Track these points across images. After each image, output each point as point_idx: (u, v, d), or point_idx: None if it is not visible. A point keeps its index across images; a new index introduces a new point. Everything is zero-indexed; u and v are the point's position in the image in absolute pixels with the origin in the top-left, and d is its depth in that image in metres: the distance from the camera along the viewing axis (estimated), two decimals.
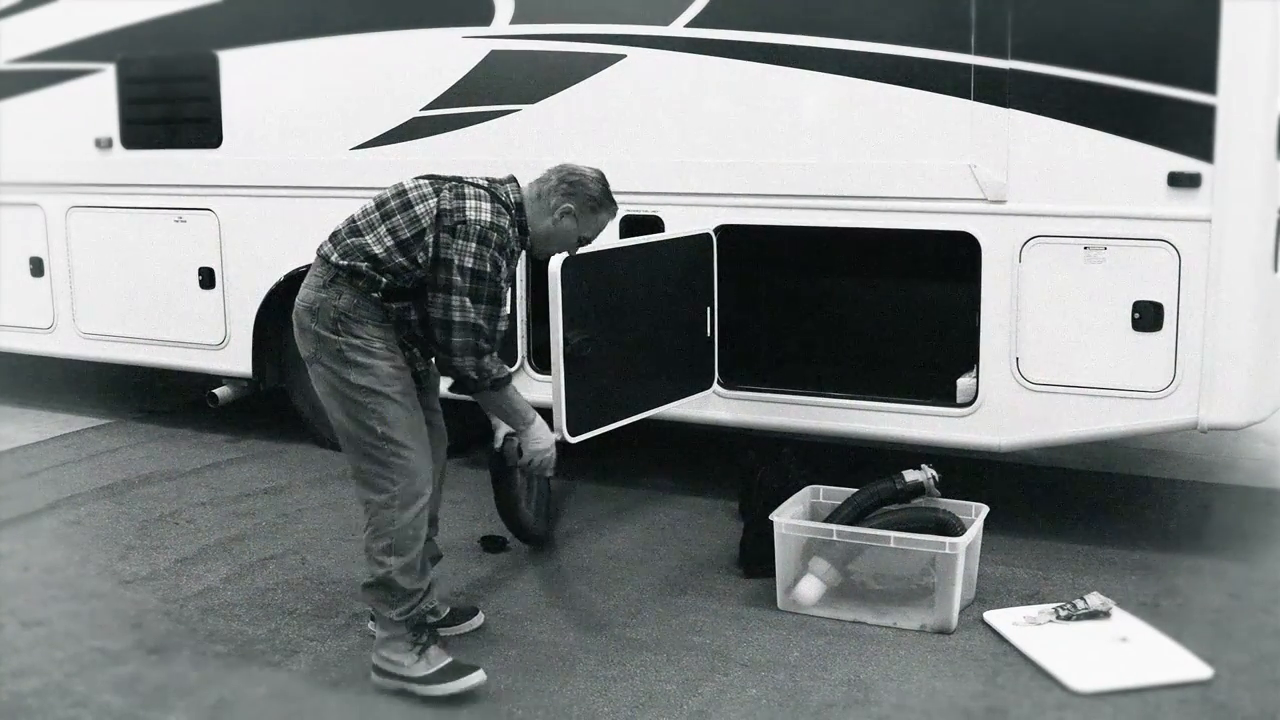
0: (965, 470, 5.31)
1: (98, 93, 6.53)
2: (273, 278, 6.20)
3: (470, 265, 3.62)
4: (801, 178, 4.99)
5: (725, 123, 5.11)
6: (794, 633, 4.10)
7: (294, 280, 6.15)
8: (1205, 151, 4.36)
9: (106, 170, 6.60)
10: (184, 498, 5.60)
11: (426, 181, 3.79)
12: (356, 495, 3.78)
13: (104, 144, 6.57)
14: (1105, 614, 4.09)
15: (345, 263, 3.70)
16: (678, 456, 6.16)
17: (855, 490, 4.40)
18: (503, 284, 3.72)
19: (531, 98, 5.44)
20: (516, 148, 5.50)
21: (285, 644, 4.07)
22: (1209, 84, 4.32)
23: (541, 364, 5.46)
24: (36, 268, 6.92)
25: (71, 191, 6.74)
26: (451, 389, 3.88)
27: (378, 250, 3.67)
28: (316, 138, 5.98)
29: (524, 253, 3.95)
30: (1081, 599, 4.14)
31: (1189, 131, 4.36)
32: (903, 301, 5.69)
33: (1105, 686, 3.67)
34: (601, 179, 3.91)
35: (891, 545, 4.13)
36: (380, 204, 3.78)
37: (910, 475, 4.36)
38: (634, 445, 5.58)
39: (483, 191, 3.73)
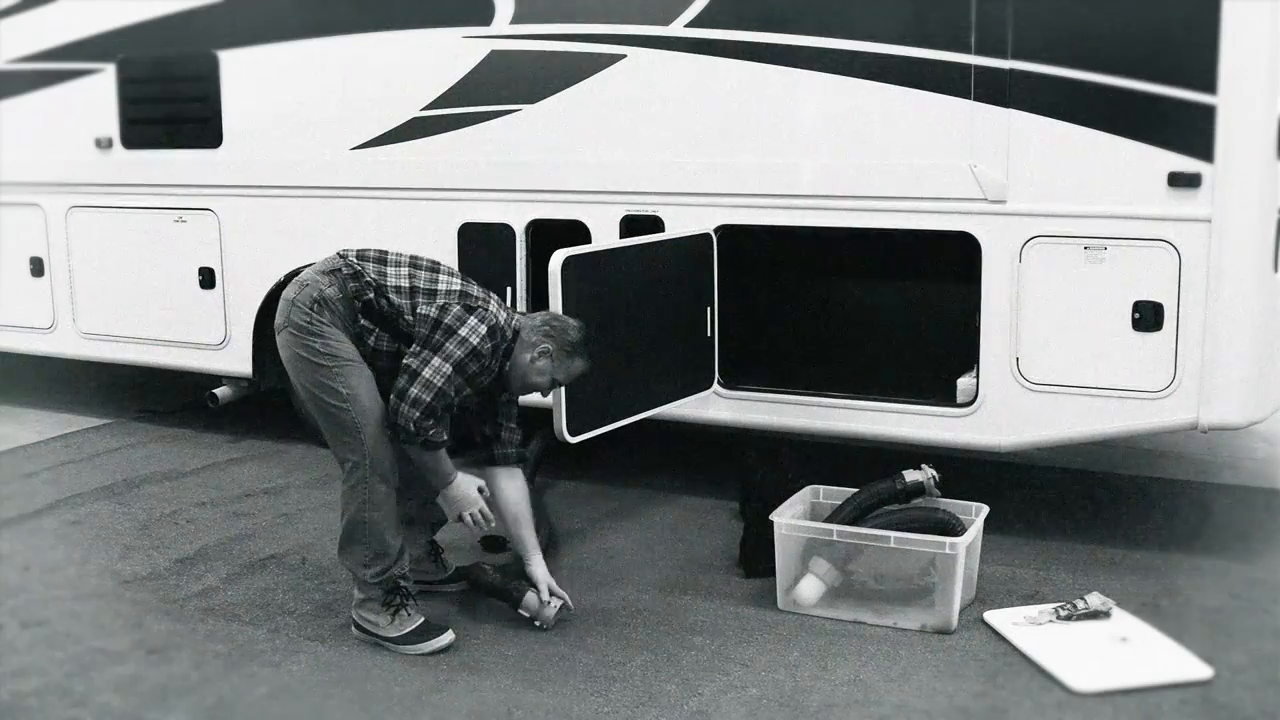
0: (965, 470, 5.31)
1: (98, 93, 6.53)
2: (273, 278, 6.20)
3: (472, 341, 3.88)
4: (801, 178, 4.99)
5: (725, 123, 5.11)
6: (794, 633, 4.10)
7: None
8: (1205, 151, 4.36)
9: (106, 170, 6.60)
10: (184, 498, 5.60)
11: (460, 272, 4.16)
12: (335, 456, 4.06)
13: (104, 144, 6.57)
14: (1105, 614, 4.09)
15: (357, 265, 4.02)
16: (678, 456, 6.16)
17: (855, 490, 4.40)
18: (485, 373, 3.95)
19: (531, 98, 5.44)
20: (516, 148, 5.50)
21: (285, 644, 4.07)
22: (1209, 84, 4.32)
23: None
24: (36, 268, 6.92)
25: (71, 191, 6.74)
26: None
27: (389, 280, 3.99)
28: (316, 138, 5.98)
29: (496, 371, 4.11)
30: (1081, 599, 4.14)
31: (1189, 131, 4.36)
32: (903, 301, 5.69)
33: (1105, 686, 3.67)
34: (582, 330, 4.12)
35: (891, 545, 4.13)
36: (414, 259, 4.10)
37: (910, 475, 4.36)
38: (634, 445, 5.58)
39: (501, 304, 4.11)
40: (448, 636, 4.01)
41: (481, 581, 4.26)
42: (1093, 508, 5.33)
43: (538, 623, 4.08)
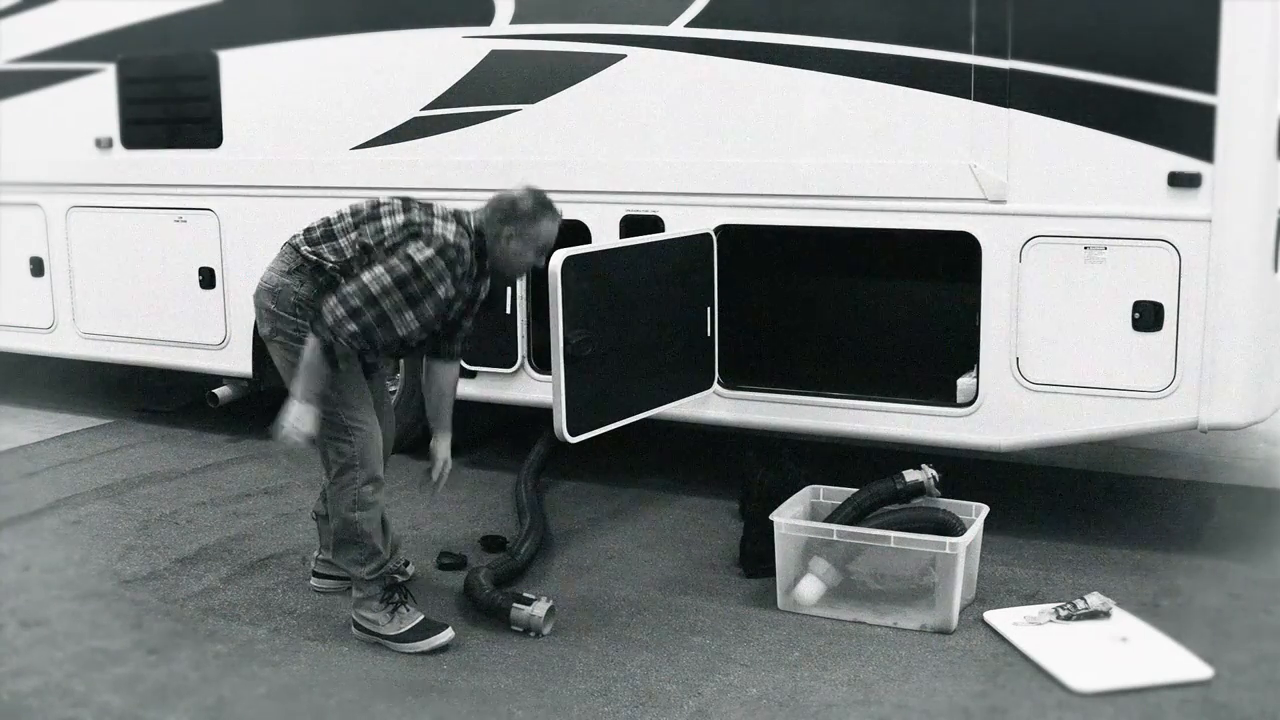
0: (965, 470, 5.31)
1: (98, 93, 6.54)
2: None
3: (417, 259, 3.81)
4: (801, 178, 4.99)
5: (725, 123, 5.11)
6: (794, 633, 4.10)
7: None
8: (1205, 151, 4.36)
9: (107, 170, 6.60)
10: (184, 498, 5.60)
11: (400, 200, 4.03)
12: (320, 461, 4.09)
13: (104, 144, 6.57)
14: (1105, 614, 4.09)
15: (313, 257, 3.98)
16: (678, 456, 6.16)
17: (855, 490, 4.40)
18: (431, 299, 3.84)
19: (531, 98, 5.44)
20: (516, 148, 5.50)
21: (285, 644, 4.07)
22: (1209, 84, 4.32)
23: (541, 364, 5.46)
24: (36, 268, 6.92)
25: (72, 191, 6.74)
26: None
27: (348, 253, 3.93)
28: (316, 138, 5.98)
29: (485, 279, 4.09)
30: (1081, 599, 4.14)
31: (1189, 131, 4.37)
32: (903, 301, 5.69)
33: (1105, 686, 3.67)
34: (531, 193, 4.04)
35: (891, 545, 4.13)
36: (355, 212, 4.04)
37: (910, 475, 4.36)
38: (634, 445, 5.59)
39: (450, 214, 3.98)
40: (447, 634, 4.02)
41: (474, 598, 4.25)
42: (1093, 508, 5.33)
43: (531, 634, 4.08)
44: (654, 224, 5.23)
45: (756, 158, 5.07)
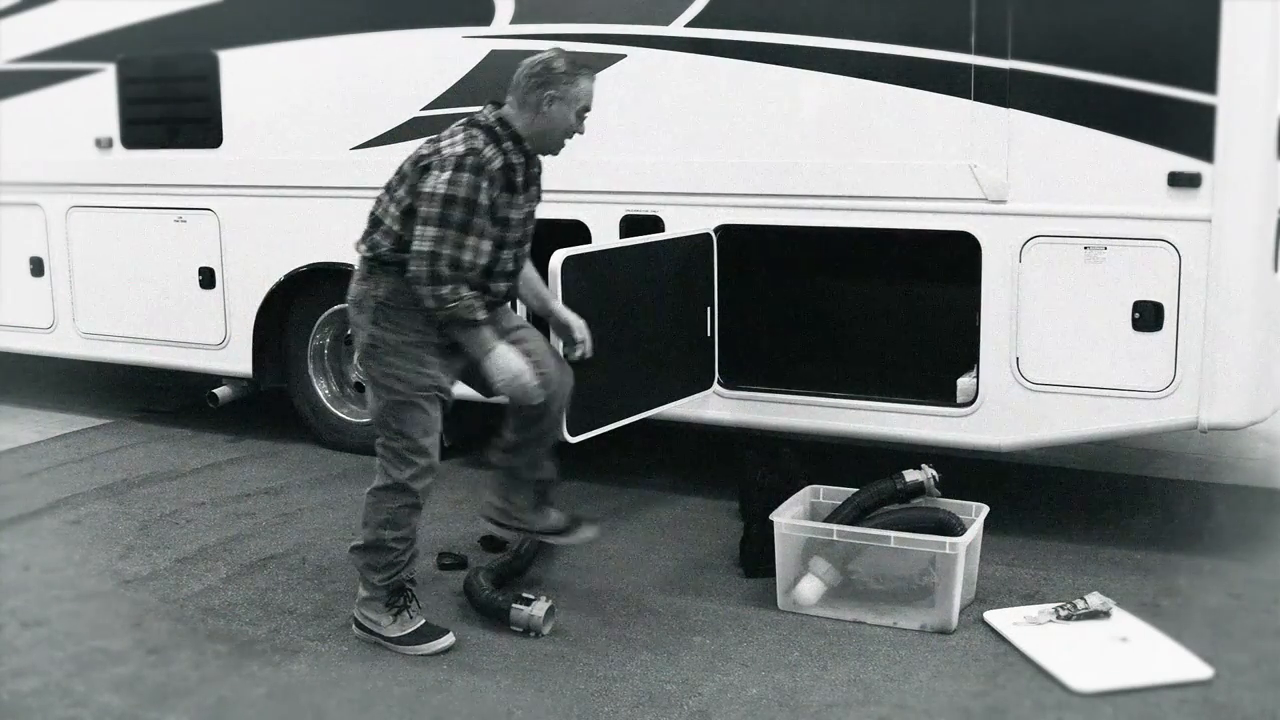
0: (965, 470, 5.31)
1: (98, 93, 6.54)
2: (273, 278, 6.20)
3: (441, 191, 3.68)
4: (801, 178, 4.99)
5: (725, 123, 5.11)
6: (794, 633, 4.10)
7: (294, 280, 6.17)
8: (1205, 151, 4.36)
9: (106, 170, 6.60)
10: (184, 498, 5.60)
11: (420, 145, 3.91)
12: (378, 457, 3.98)
13: (104, 144, 6.57)
14: (1105, 614, 4.09)
15: (372, 253, 3.87)
16: (678, 456, 6.16)
17: (855, 490, 4.40)
18: (478, 211, 3.71)
19: None
20: None
21: (285, 644, 4.07)
22: (1209, 84, 4.32)
23: None
24: (36, 268, 6.92)
25: (71, 191, 6.74)
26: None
27: (395, 227, 3.81)
28: (316, 138, 5.98)
29: (528, 159, 3.94)
30: (1081, 599, 4.14)
31: (1189, 131, 4.36)
32: (903, 301, 5.69)
33: (1105, 686, 3.67)
34: (560, 52, 3.95)
35: (891, 545, 4.13)
36: (387, 187, 3.92)
37: (910, 475, 4.36)
38: (634, 445, 5.59)
39: (456, 128, 3.84)
40: (447, 639, 4.00)
41: (474, 599, 4.25)
42: (1093, 508, 5.33)
43: (531, 634, 4.07)
44: (654, 224, 5.23)
45: (756, 158, 5.07)
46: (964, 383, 4.94)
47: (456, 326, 3.79)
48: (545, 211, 5.45)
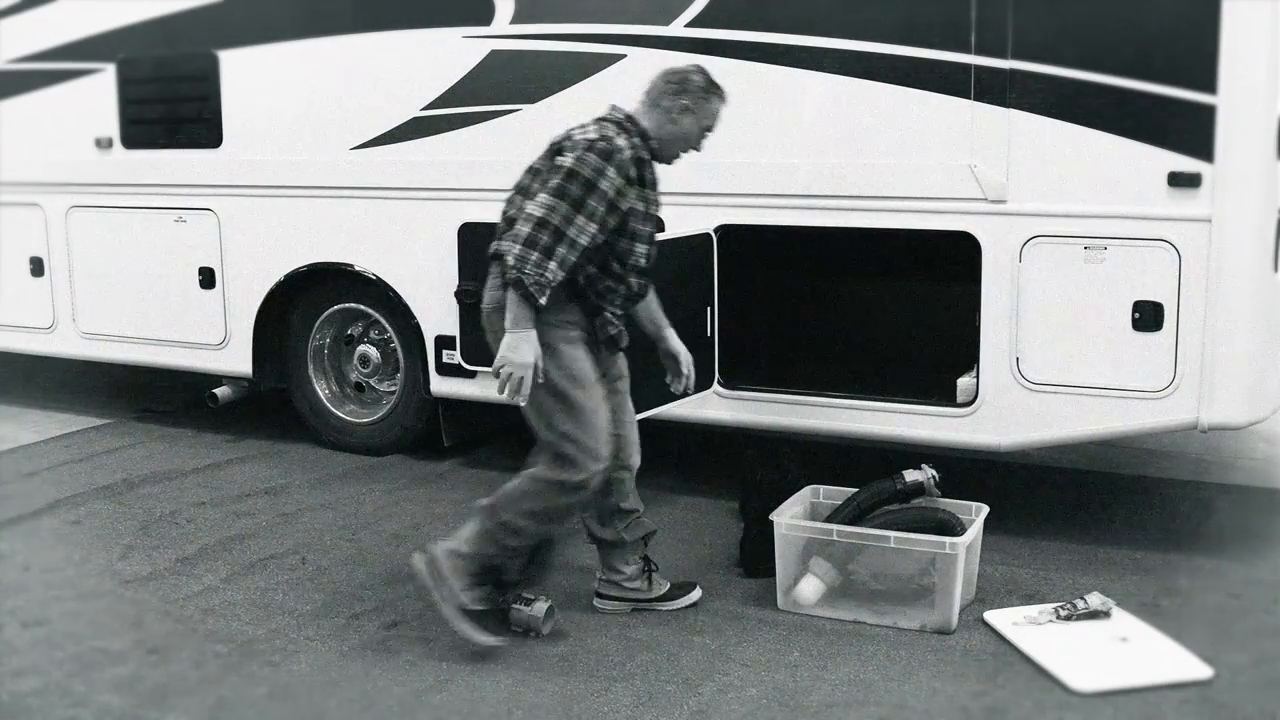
0: (965, 470, 5.31)
1: (98, 93, 6.54)
2: (273, 278, 6.20)
3: (566, 164, 3.73)
4: (801, 178, 4.99)
5: (725, 123, 5.10)
6: (794, 633, 4.10)
7: (294, 280, 6.18)
8: (1205, 151, 4.36)
9: (106, 170, 6.60)
10: (184, 498, 5.60)
11: (552, 141, 3.95)
12: (538, 452, 4.02)
13: (104, 144, 6.57)
14: (1105, 614, 4.09)
15: (507, 250, 3.73)
16: (678, 456, 6.15)
17: (855, 490, 4.40)
18: (595, 194, 3.72)
19: (531, 98, 5.44)
20: (516, 148, 5.48)
21: (285, 644, 4.07)
22: (1209, 84, 4.32)
23: None
24: (36, 268, 6.92)
25: (71, 191, 6.74)
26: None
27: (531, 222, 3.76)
28: (316, 138, 5.98)
29: (651, 156, 4.00)
30: (1081, 599, 4.14)
31: (1189, 131, 4.37)
32: (903, 301, 5.69)
33: (1105, 686, 3.67)
34: (702, 70, 4.04)
35: (891, 545, 4.13)
36: (519, 188, 3.95)
37: (911, 475, 4.36)
38: None
39: (588, 123, 3.93)
40: (494, 640, 3.94)
41: None
42: (1093, 508, 5.33)
43: (531, 634, 4.07)
44: (653, 224, 5.22)
45: (756, 157, 5.07)
46: (964, 383, 4.94)
47: (515, 291, 3.70)
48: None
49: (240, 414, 6.83)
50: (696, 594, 4.34)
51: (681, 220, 5.16)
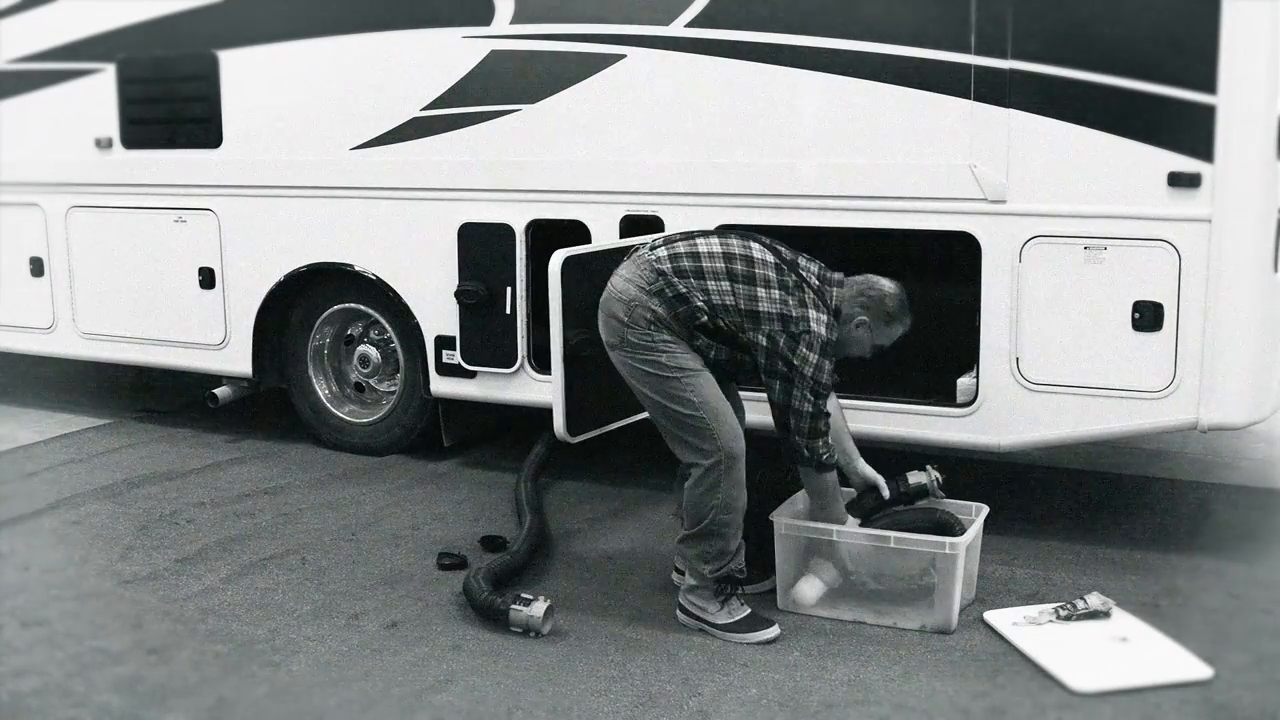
0: (965, 470, 5.31)
1: (98, 93, 6.53)
2: (273, 278, 6.20)
3: (810, 374, 3.96)
4: (801, 178, 4.99)
5: (725, 123, 5.11)
6: (794, 633, 4.10)
7: (294, 280, 6.17)
8: (1205, 151, 4.36)
9: (106, 170, 6.60)
10: (184, 498, 5.60)
11: (773, 263, 4.07)
12: (680, 459, 4.15)
13: (104, 144, 6.57)
14: (1105, 614, 4.09)
15: (684, 290, 4.01)
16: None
17: (856, 496, 4.40)
18: (823, 381, 4.00)
19: (531, 98, 5.44)
20: (516, 148, 5.50)
21: (285, 644, 4.07)
22: (1209, 84, 4.32)
23: (541, 364, 5.46)
24: (36, 268, 6.92)
25: (71, 191, 6.74)
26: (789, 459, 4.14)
27: (715, 301, 4.01)
28: (316, 138, 5.98)
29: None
30: (1081, 599, 4.14)
31: (1189, 131, 4.37)
32: None
33: (1105, 686, 3.67)
34: (899, 294, 4.15)
35: (891, 545, 4.13)
36: (728, 258, 4.06)
37: (914, 478, 4.36)
38: (634, 445, 5.58)
39: (820, 301, 4.04)
40: (774, 630, 4.06)
41: (474, 600, 4.25)
42: (1093, 508, 5.33)
43: (530, 634, 4.07)
44: (654, 224, 5.23)
45: (756, 158, 5.07)
46: (964, 383, 4.94)
47: (814, 475, 4.11)
48: (545, 211, 5.51)
49: (240, 414, 6.83)
50: (772, 581, 4.38)
51: (681, 220, 5.16)
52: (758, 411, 5.24)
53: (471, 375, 5.76)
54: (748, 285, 4.02)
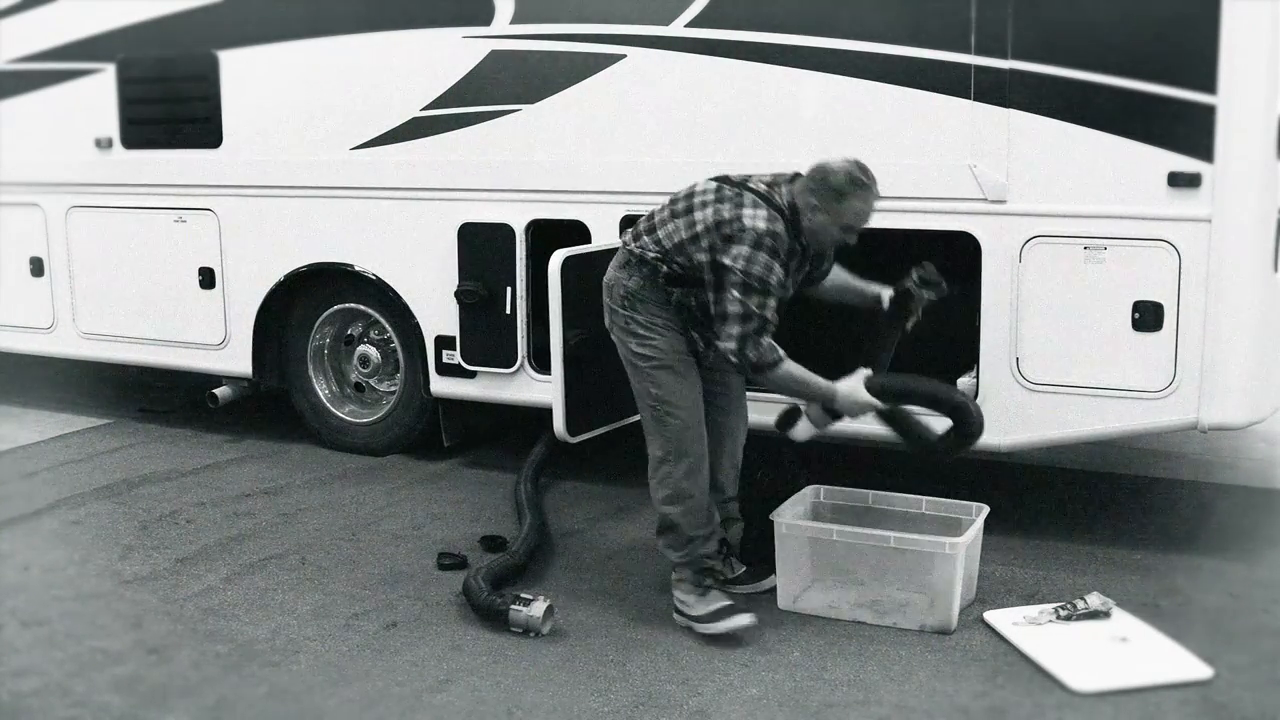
0: (965, 470, 5.31)
1: (98, 93, 6.53)
2: (273, 278, 6.20)
3: (742, 267, 3.90)
4: None
5: (725, 123, 5.11)
6: (794, 633, 4.10)
7: (294, 280, 6.17)
8: (1205, 151, 4.36)
9: (106, 170, 6.60)
10: (184, 498, 5.60)
11: (713, 187, 4.10)
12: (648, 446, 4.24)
13: (104, 144, 6.57)
14: (1105, 614, 4.09)
15: (638, 250, 4.12)
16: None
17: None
18: (773, 283, 3.94)
19: (531, 98, 5.44)
20: (516, 148, 5.50)
21: (285, 644, 4.07)
22: (1209, 84, 4.32)
23: (541, 364, 5.46)
24: (36, 268, 6.92)
25: (71, 191, 6.74)
26: (736, 370, 4.11)
27: (666, 244, 4.07)
28: (316, 138, 5.98)
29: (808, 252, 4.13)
30: (1081, 599, 4.14)
31: (1189, 131, 4.36)
32: None
33: (1105, 686, 3.67)
34: (847, 167, 4.00)
35: (891, 545, 4.13)
36: (673, 202, 4.15)
37: (909, 283, 4.29)
38: (634, 445, 5.58)
39: (760, 199, 3.99)
40: (747, 618, 4.04)
41: (473, 600, 4.24)
42: (1093, 508, 5.33)
43: (530, 634, 4.07)
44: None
45: (756, 158, 5.04)
46: (964, 383, 4.93)
47: (771, 376, 4.03)
48: (545, 211, 5.51)
49: (240, 414, 6.83)
50: (772, 578, 4.37)
51: None
52: (758, 413, 5.25)
53: (471, 375, 5.76)
54: (687, 215, 4.06)
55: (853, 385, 4.07)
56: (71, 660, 3.96)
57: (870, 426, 5.00)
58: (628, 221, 5.27)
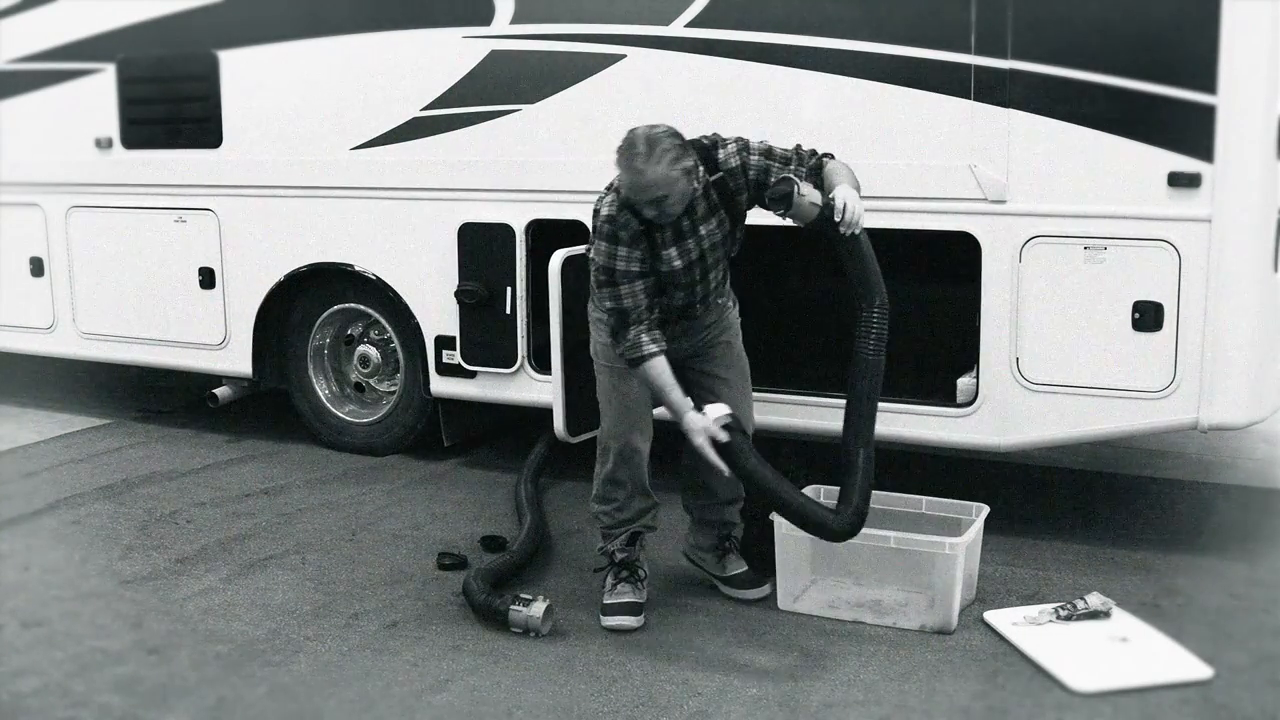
0: (965, 470, 5.31)
1: (98, 93, 6.53)
2: (273, 278, 6.20)
3: (589, 254, 4.01)
4: None
5: (725, 123, 5.10)
6: (794, 633, 4.10)
7: (294, 280, 6.17)
8: (1205, 151, 4.36)
9: (106, 170, 6.60)
10: (184, 498, 5.60)
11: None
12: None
13: (104, 144, 6.57)
14: (1105, 614, 4.09)
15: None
16: (677, 456, 6.14)
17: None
18: (619, 269, 3.90)
19: (531, 98, 5.44)
20: (516, 148, 5.50)
21: (285, 644, 4.07)
22: (1209, 84, 4.32)
23: (541, 364, 5.46)
24: (36, 268, 6.92)
25: (71, 191, 6.74)
26: None
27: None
28: (316, 138, 5.98)
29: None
30: (1081, 599, 4.14)
31: (1189, 131, 4.36)
32: (902, 301, 5.67)
33: (1105, 686, 3.67)
34: (628, 138, 3.85)
35: (891, 545, 4.13)
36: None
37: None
38: None
39: (612, 181, 3.97)
40: (627, 620, 4.12)
41: (473, 600, 4.24)
42: (1093, 508, 5.33)
43: (530, 634, 4.07)
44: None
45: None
46: (964, 383, 4.94)
47: (636, 369, 3.97)
48: (544, 211, 5.51)
49: (240, 414, 6.83)
50: (764, 589, 4.36)
51: None
52: (758, 413, 5.25)
53: (471, 375, 5.76)
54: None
55: (705, 424, 3.87)
56: (71, 660, 3.96)
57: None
58: None
